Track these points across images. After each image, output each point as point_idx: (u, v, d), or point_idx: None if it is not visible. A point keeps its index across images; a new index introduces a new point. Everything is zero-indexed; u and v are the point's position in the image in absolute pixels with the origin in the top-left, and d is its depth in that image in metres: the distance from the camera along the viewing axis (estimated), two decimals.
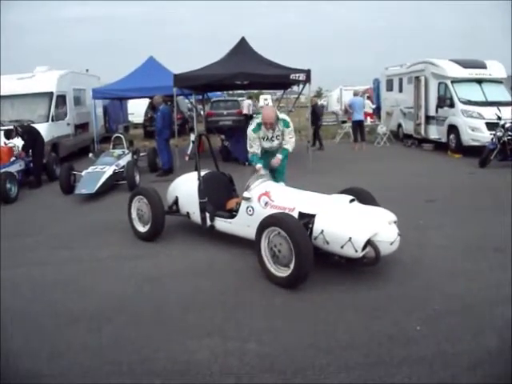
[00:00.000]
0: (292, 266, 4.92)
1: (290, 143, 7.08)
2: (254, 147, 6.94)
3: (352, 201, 5.64)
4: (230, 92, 32.67)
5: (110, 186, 10.68)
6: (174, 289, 5.24)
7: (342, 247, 4.99)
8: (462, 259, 5.86)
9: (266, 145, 7.04)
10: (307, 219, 5.31)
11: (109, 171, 10.62)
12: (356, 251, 4.91)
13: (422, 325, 4.23)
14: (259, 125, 6.89)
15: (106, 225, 7.90)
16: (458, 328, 4.17)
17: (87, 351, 4.03)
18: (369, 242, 4.92)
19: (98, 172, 10.53)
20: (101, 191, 10.19)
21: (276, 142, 7.06)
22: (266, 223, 5.22)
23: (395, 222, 5.33)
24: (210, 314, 4.61)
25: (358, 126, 17.93)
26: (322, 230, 5.11)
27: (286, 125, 7.01)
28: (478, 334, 4.07)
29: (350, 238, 4.90)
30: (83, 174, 10.54)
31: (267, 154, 7.12)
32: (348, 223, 5.09)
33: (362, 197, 5.96)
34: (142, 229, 6.96)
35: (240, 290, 5.14)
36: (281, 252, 5.03)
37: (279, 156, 7.04)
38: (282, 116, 7.13)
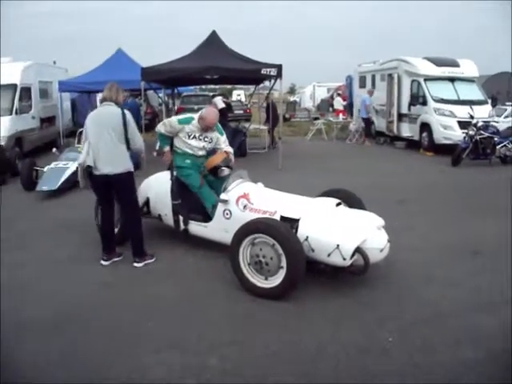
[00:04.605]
0: (281, 278, 4.59)
1: (229, 148, 6.46)
2: (163, 129, 6.26)
3: (338, 204, 5.35)
4: (203, 87, 32.35)
5: (74, 182, 10.20)
6: (132, 295, 4.92)
7: (328, 255, 4.66)
8: (436, 263, 5.68)
9: (192, 144, 6.19)
10: (290, 224, 4.95)
11: (72, 167, 10.09)
12: (344, 259, 4.60)
13: (395, 335, 4.00)
14: (190, 120, 6.19)
15: (66, 224, 7.52)
16: (433, 338, 3.95)
17: (33, 365, 3.71)
18: (357, 250, 4.62)
19: (60, 168, 10.09)
20: (64, 188, 9.79)
21: (202, 144, 6.24)
22: (252, 229, 4.79)
23: (383, 227, 5.08)
24: (168, 324, 4.31)
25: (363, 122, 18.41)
26: (307, 237, 4.78)
27: (220, 132, 6.43)
28: (453, 344, 3.86)
29: (338, 246, 4.59)
30: (45, 169, 10.11)
31: (192, 159, 6.26)
32: (335, 229, 4.77)
33: (348, 199, 5.69)
34: None
35: (202, 297, 4.85)
36: (268, 265, 4.70)
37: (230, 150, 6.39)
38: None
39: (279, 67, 11.86)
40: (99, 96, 22.85)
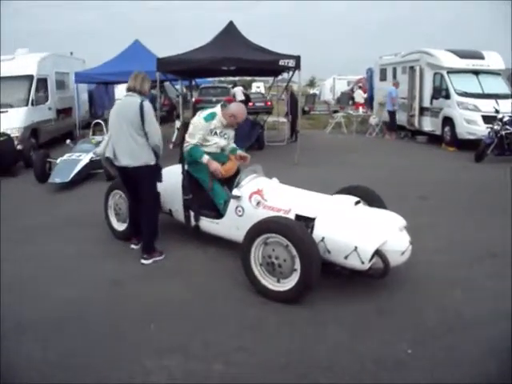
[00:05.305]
0: (295, 281, 4.33)
1: (234, 145, 6.22)
2: (196, 138, 5.76)
3: (357, 203, 5.06)
4: (222, 79, 32.10)
5: (87, 174, 10.12)
6: (138, 295, 4.71)
7: (346, 258, 4.38)
8: (458, 265, 5.37)
9: (213, 141, 5.85)
10: (305, 223, 4.68)
11: (85, 159, 10.00)
12: (362, 263, 4.30)
13: (414, 346, 3.72)
14: (214, 115, 5.85)
15: (77, 217, 7.35)
16: (456, 350, 3.67)
17: (30, 368, 3.52)
18: (377, 252, 4.32)
19: (73, 160, 9.93)
20: (76, 180, 9.64)
21: (223, 143, 5.98)
22: (264, 228, 4.54)
23: (405, 228, 4.78)
24: (173, 326, 4.09)
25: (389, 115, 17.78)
26: (323, 238, 4.50)
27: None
28: (478, 357, 3.57)
29: (356, 248, 4.30)
30: (58, 161, 9.96)
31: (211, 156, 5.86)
32: (353, 230, 4.48)
33: (368, 197, 5.40)
34: (119, 227, 6.37)
35: (211, 298, 4.62)
36: (281, 267, 4.44)
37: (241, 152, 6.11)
38: None
39: (297, 58, 11.51)
40: (117, 88, 22.87)
